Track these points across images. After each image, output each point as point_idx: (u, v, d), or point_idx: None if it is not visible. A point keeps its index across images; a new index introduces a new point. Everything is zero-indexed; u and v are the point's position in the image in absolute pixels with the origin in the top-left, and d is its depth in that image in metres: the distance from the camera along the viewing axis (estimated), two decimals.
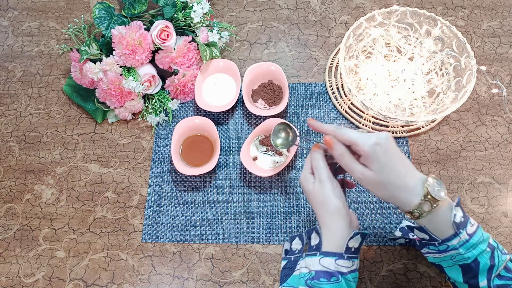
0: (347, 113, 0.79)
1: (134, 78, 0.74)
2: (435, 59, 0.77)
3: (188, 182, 0.75)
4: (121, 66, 0.75)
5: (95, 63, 0.73)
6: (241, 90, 0.80)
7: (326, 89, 0.82)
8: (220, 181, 0.75)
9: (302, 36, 0.87)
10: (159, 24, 0.75)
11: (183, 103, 0.82)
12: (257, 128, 0.74)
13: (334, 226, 0.52)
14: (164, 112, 0.80)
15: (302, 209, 0.72)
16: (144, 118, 0.79)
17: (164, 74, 0.81)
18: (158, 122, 0.80)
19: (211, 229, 0.71)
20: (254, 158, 0.73)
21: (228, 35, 0.83)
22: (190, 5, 0.77)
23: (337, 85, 0.81)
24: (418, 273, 0.66)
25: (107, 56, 0.75)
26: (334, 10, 0.90)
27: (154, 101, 0.79)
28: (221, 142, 0.78)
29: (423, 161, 0.75)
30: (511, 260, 0.51)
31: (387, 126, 0.77)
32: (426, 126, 0.77)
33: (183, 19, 0.77)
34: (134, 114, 0.81)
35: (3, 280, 0.69)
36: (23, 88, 0.85)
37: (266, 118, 0.76)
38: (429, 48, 0.78)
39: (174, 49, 0.76)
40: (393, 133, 0.77)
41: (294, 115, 0.79)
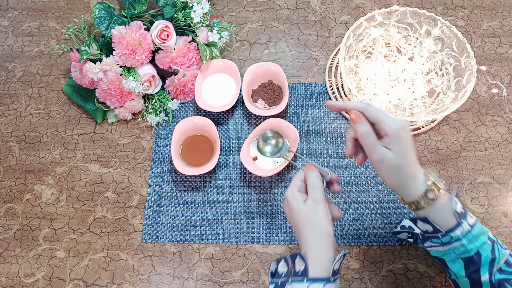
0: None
1: (134, 78, 0.74)
2: (435, 59, 0.77)
3: (188, 182, 0.75)
4: (121, 66, 0.75)
5: (95, 63, 0.73)
6: (241, 90, 0.80)
7: (326, 89, 0.82)
8: (220, 181, 0.75)
9: (302, 36, 0.88)
10: (159, 24, 0.75)
11: (183, 103, 0.82)
12: (257, 128, 0.74)
13: (322, 250, 0.52)
14: (164, 112, 0.80)
15: None
16: (144, 118, 0.79)
17: (164, 74, 0.81)
18: (158, 122, 0.80)
19: (211, 229, 0.71)
20: (254, 158, 0.73)
21: (228, 35, 0.83)
22: (190, 5, 0.77)
23: (337, 85, 0.81)
24: (418, 273, 0.66)
25: (107, 56, 0.75)
26: (334, 10, 0.90)
27: (154, 101, 0.79)
28: (221, 142, 0.78)
29: (423, 161, 0.75)
30: (511, 254, 0.52)
31: None
32: (426, 126, 0.77)
33: (183, 19, 0.77)
34: (134, 114, 0.81)
35: (3, 280, 0.69)
36: (23, 88, 0.85)
37: (266, 118, 0.76)
38: (429, 48, 0.78)
39: (174, 49, 0.76)
40: None
41: (294, 115, 0.79)
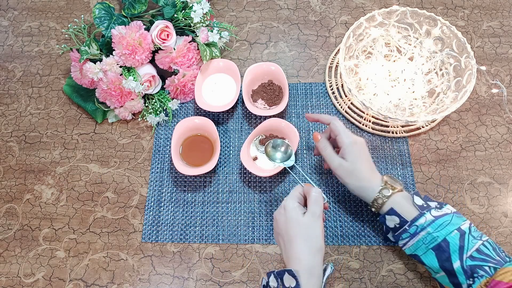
0: (347, 113, 0.79)
1: (134, 78, 0.74)
2: (435, 59, 0.77)
3: (188, 182, 0.75)
4: (121, 66, 0.75)
5: (95, 63, 0.73)
6: (241, 90, 0.80)
7: (326, 89, 0.82)
8: (220, 181, 0.75)
9: (302, 36, 0.87)
10: (159, 24, 0.75)
11: (183, 103, 0.82)
12: (257, 128, 0.74)
13: (316, 266, 0.53)
14: (164, 112, 0.80)
15: None
16: (144, 118, 0.79)
17: (164, 74, 0.81)
18: (158, 122, 0.80)
19: (211, 229, 0.71)
20: (254, 158, 0.73)
21: (228, 35, 0.83)
22: (190, 5, 0.77)
23: (337, 85, 0.81)
24: (418, 273, 0.66)
25: (107, 56, 0.75)
26: (334, 10, 0.90)
27: (154, 101, 0.79)
28: (221, 142, 0.78)
29: (423, 161, 0.75)
30: (484, 244, 0.55)
31: (387, 126, 0.77)
32: (426, 126, 0.77)
33: (183, 19, 0.77)
34: (134, 114, 0.81)
35: (3, 280, 0.69)
36: (23, 88, 0.85)
37: (266, 118, 0.76)
38: (429, 48, 0.78)
39: (174, 49, 0.76)
40: (393, 133, 0.77)
41: (294, 115, 0.79)
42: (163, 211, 0.73)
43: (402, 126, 0.77)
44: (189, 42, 0.77)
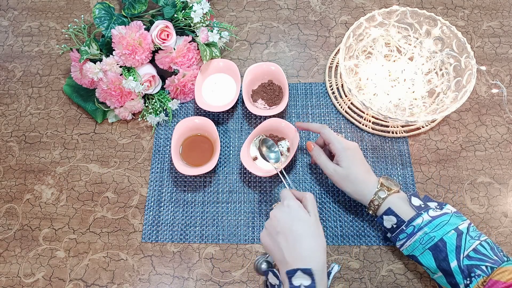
0: (347, 113, 0.79)
1: (134, 78, 0.74)
2: (435, 59, 0.77)
3: (188, 182, 0.75)
4: (121, 66, 0.75)
5: (95, 63, 0.73)
6: (241, 90, 0.80)
7: (326, 89, 0.82)
8: (220, 181, 0.75)
9: (302, 36, 0.87)
10: (159, 24, 0.75)
11: (183, 103, 0.82)
12: (257, 128, 0.74)
13: (325, 265, 0.53)
14: (164, 112, 0.80)
15: None
16: (144, 118, 0.79)
17: (164, 74, 0.81)
18: (158, 122, 0.80)
19: (211, 229, 0.71)
20: (254, 158, 0.73)
21: (228, 35, 0.83)
22: (190, 5, 0.77)
23: (337, 85, 0.81)
24: (418, 273, 0.66)
25: (107, 56, 0.75)
26: (334, 10, 0.90)
27: (154, 101, 0.79)
28: (221, 142, 0.78)
29: (423, 161, 0.75)
30: (481, 244, 0.55)
31: (387, 126, 0.77)
32: (426, 126, 0.77)
33: (183, 19, 0.77)
34: (134, 114, 0.81)
35: (3, 280, 0.69)
36: (23, 88, 0.85)
37: (266, 118, 0.76)
38: (429, 48, 0.78)
39: (174, 49, 0.76)
40: (393, 133, 0.77)
41: (294, 115, 0.79)
42: (163, 211, 0.73)
43: (402, 126, 0.77)
44: (189, 42, 0.77)
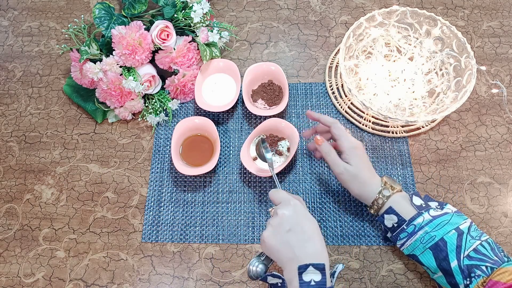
0: (347, 113, 0.79)
1: (134, 78, 0.74)
2: (435, 59, 0.77)
3: (188, 182, 0.75)
4: (121, 66, 0.75)
5: (95, 63, 0.73)
6: (241, 90, 0.80)
7: (326, 89, 0.82)
8: (220, 181, 0.75)
9: (302, 36, 0.87)
10: (159, 24, 0.75)
11: (183, 103, 0.82)
12: (257, 128, 0.74)
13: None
14: (164, 112, 0.80)
15: None
16: (144, 118, 0.79)
17: (164, 74, 0.81)
18: (158, 122, 0.80)
19: (211, 229, 0.71)
20: (254, 158, 0.73)
21: (228, 35, 0.83)
22: (190, 5, 0.77)
23: (337, 85, 0.81)
24: (418, 273, 0.66)
25: (107, 56, 0.75)
26: (334, 10, 0.90)
27: (154, 101, 0.79)
28: (221, 142, 0.78)
29: (423, 161, 0.75)
30: (482, 244, 0.55)
31: (387, 126, 0.77)
32: (426, 126, 0.77)
33: (183, 19, 0.77)
34: (134, 114, 0.81)
35: (3, 280, 0.69)
36: (23, 88, 0.85)
37: (266, 118, 0.76)
38: (429, 48, 0.78)
39: (174, 49, 0.76)
40: (393, 133, 0.77)
41: (294, 115, 0.79)
42: (163, 211, 0.73)
43: (402, 126, 0.77)
44: (189, 42, 0.77)
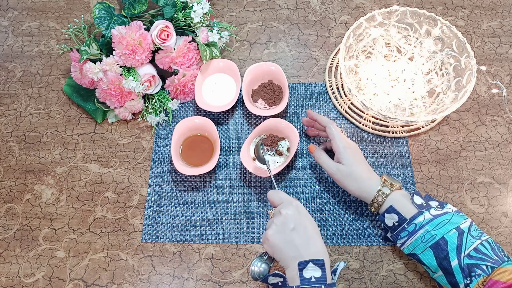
0: (347, 113, 0.79)
1: (134, 78, 0.74)
2: (435, 59, 0.77)
3: (188, 182, 0.75)
4: (121, 66, 0.75)
5: (95, 63, 0.73)
6: (241, 90, 0.80)
7: (326, 89, 0.82)
8: (220, 181, 0.75)
9: (302, 36, 0.87)
10: (159, 24, 0.75)
11: (183, 103, 0.82)
12: (257, 128, 0.74)
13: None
14: (164, 112, 0.80)
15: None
16: (144, 118, 0.79)
17: (164, 74, 0.81)
18: (158, 122, 0.80)
19: (211, 229, 0.71)
20: (254, 158, 0.73)
21: (228, 35, 0.83)
22: (190, 5, 0.77)
23: (337, 85, 0.81)
24: (418, 273, 0.66)
25: (107, 56, 0.75)
26: (334, 10, 0.90)
27: (154, 101, 0.79)
28: (221, 142, 0.78)
29: (423, 161, 0.75)
30: (482, 243, 0.55)
31: (387, 126, 0.77)
32: (426, 126, 0.77)
33: (183, 19, 0.77)
34: (134, 114, 0.81)
35: (3, 280, 0.69)
36: (23, 88, 0.85)
37: (266, 118, 0.76)
38: (429, 48, 0.78)
39: (174, 49, 0.76)
40: (393, 133, 0.77)
41: (294, 115, 0.79)
42: (163, 211, 0.73)
43: (402, 126, 0.77)
44: (189, 42, 0.77)
